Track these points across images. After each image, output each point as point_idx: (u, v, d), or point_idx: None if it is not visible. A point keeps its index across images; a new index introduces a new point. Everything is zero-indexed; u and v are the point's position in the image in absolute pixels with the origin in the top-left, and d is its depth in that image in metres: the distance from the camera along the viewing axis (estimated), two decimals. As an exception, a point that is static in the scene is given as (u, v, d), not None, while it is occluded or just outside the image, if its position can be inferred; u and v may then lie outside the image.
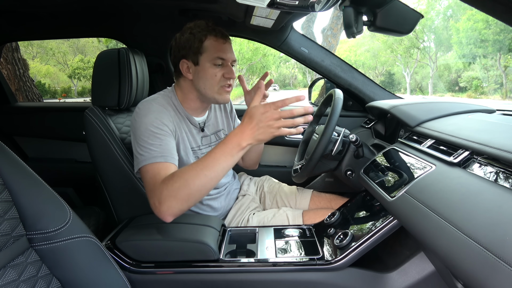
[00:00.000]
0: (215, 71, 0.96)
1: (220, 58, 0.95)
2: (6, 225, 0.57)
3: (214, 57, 0.95)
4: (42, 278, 0.61)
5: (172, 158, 0.87)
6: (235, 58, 1.00)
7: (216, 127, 1.14)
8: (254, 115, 0.74)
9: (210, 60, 0.95)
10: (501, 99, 17.42)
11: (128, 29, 1.53)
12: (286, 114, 0.73)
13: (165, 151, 0.86)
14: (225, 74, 0.96)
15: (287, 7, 0.68)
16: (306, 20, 6.67)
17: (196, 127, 1.06)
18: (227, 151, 0.75)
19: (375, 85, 1.55)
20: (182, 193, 0.74)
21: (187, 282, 0.77)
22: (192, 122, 1.04)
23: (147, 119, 0.90)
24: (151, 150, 0.86)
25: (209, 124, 1.11)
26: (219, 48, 0.95)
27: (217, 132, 1.14)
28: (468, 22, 18.69)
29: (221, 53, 0.95)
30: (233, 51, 0.99)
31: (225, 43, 0.96)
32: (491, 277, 0.44)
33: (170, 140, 0.90)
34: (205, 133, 1.09)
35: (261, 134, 0.73)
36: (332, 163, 1.11)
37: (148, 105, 0.94)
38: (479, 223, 0.50)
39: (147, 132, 0.88)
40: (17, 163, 0.63)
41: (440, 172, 0.68)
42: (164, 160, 0.85)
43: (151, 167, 0.84)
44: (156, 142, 0.87)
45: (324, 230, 0.89)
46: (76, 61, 21.74)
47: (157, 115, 0.91)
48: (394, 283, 0.74)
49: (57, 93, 20.47)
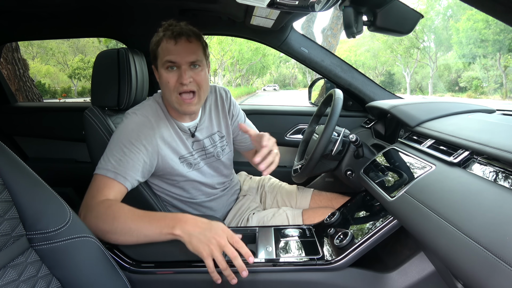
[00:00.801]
0: (168, 76, 0.88)
1: (169, 61, 0.87)
2: (6, 225, 0.57)
3: (164, 61, 0.87)
4: (42, 278, 0.61)
5: (124, 178, 0.83)
6: (194, 59, 0.88)
7: (211, 130, 1.08)
8: (214, 225, 0.69)
9: (162, 65, 0.89)
10: (501, 99, 17.43)
11: (128, 29, 1.53)
12: (229, 251, 0.67)
13: (120, 168, 0.83)
14: (178, 78, 0.88)
15: (287, 7, 0.68)
16: (306, 20, 6.67)
17: (185, 132, 1.01)
18: (160, 223, 0.71)
19: (375, 85, 1.55)
20: (104, 225, 0.73)
21: (187, 282, 0.77)
22: (181, 128, 0.99)
23: (123, 130, 0.89)
24: (108, 162, 0.84)
25: (202, 128, 1.05)
26: (169, 50, 0.86)
27: (211, 135, 1.08)
28: (468, 22, 18.70)
29: (170, 55, 0.86)
30: (194, 50, 0.88)
31: (177, 43, 0.86)
32: (491, 277, 0.44)
33: (136, 158, 0.86)
34: (197, 137, 1.03)
35: (197, 240, 0.67)
36: (332, 163, 1.11)
37: (132, 116, 0.92)
38: (479, 223, 0.50)
39: (117, 142, 0.87)
40: (17, 163, 0.62)
41: (440, 172, 0.68)
42: (113, 176, 0.82)
43: (99, 178, 0.83)
44: (118, 155, 0.84)
45: (324, 230, 0.89)
46: (76, 61, 21.75)
47: (136, 128, 0.89)
48: (394, 283, 0.74)
49: (57, 93, 20.48)
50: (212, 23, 1.50)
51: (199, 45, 0.90)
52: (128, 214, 0.74)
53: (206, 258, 0.67)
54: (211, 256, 0.67)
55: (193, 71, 0.89)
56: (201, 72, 0.91)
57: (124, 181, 0.83)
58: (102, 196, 0.80)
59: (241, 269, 0.67)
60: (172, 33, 0.86)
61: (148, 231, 0.72)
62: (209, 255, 0.66)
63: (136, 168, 0.86)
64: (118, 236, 0.74)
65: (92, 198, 0.80)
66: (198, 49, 0.89)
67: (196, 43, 0.89)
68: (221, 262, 0.67)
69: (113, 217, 0.74)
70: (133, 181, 0.86)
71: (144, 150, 0.88)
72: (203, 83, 0.91)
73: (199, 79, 0.90)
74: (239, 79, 28.52)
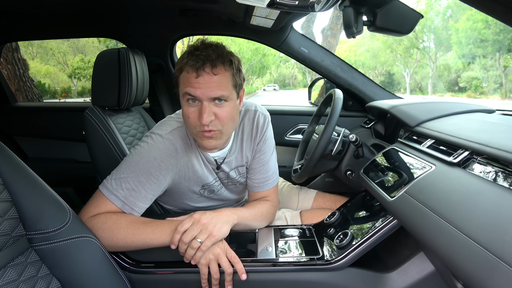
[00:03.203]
0: (189, 111, 0.77)
1: (188, 94, 0.75)
2: (6, 225, 0.57)
3: (183, 92, 0.76)
4: (42, 278, 0.61)
5: (131, 208, 0.78)
6: (218, 95, 0.74)
7: (240, 161, 0.95)
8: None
9: (182, 97, 0.78)
10: (501, 99, 17.42)
11: (128, 29, 1.53)
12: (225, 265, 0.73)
13: (130, 199, 0.78)
14: (199, 115, 0.75)
15: (287, 7, 0.68)
16: (306, 20, 6.66)
17: (211, 163, 0.91)
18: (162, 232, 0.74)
19: (375, 85, 1.55)
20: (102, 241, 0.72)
21: (187, 282, 0.77)
22: (208, 159, 0.89)
23: (145, 156, 0.80)
24: (119, 188, 0.77)
25: (230, 160, 0.93)
26: (190, 81, 0.74)
27: (238, 167, 0.97)
28: (467, 22, 18.70)
29: (190, 88, 0.74)
30: (219, 84, 0.74)
31: (198, 77, 0.73)
32: (491, 277, 0.44)
33: (151, 189, 0.80)
34: (223, 169, 0.93)
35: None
36: (332, 163, 1.11)
37: (157, 141, 0.82)
38: (479, 223, 0.50)
39: (134, 168, 0.79)
40: (17, 163, 0.62)
41: (440, 172, 0.68)
42: (120, 206, 0.77)
43: (104, 200, 0.77)
44: (132, 183, 0.78)
45: (324, 230, 0.89)
46: (76, 61, 21.73)
47: (159, 157, 0.81)
48: (394, 283, 0.74)
49: (57, 93, 20.46)
50: (212, 23, 1.50)
51: (226, 76, 0.76)
52: (127, 229, 0.74)
53: (201, 268, 0.72)
54: (206, 266, 0.73)
55: (217, 107, 0.76)
56: (226, 108, 0.77)
57: (130, 211, 0.79)
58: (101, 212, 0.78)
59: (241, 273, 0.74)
60: (195, 63, 0.73)
61: (151, 240, 0.74)
62: (204, 266, 0.72)
63: (148, 198, 0.81)
64: (118, 249, 0.76)
65: (89, 213, 0.77)
66: (224, 81, 0.75)
67: (223, 75, 0.75)
68: (216, 273, 0.73)
69: (111, 232, 0.74)
70: (141, 210, 0.81)
71: (162, 180, 0.82)
72: (227, 120, 0.78)
73: (223, 116, 0.77)
74: (239, 79, 28.38)
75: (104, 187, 0.79)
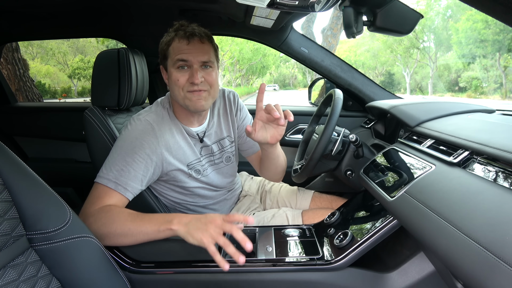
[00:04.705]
0: (178, 75, 0.87)
1: (181, 60, 0.86)
2: (6, 225, 0.57)
3: (175, 60, 0.87)
4: (42, 278, 0.61)
5: (124, 188, 0.84)
6: (206, 59, 0.88)
7: (220, 135, 1.06)
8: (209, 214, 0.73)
9: (173, 65, 0.88)
10: (501, 99, 17.43)
11: (128, 29, 1.53)
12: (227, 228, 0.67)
13: (121, 179, 0.83)
14: (189, 78, 0.87)
15: (287, 7, 0.68)
16: (306, 20, 6.67)
17: (194, 137, 0.99)
18: (158, 220, 0.74)
19: (375, 85, 1.55)
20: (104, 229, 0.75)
21: (187, 282, 0.77)
22: (189, 133, 0.98)
23: (127, 138, 0.88)
24: (110, 171, 0.84)
25: (210, 133, 1.03)
26: (181, 49, 0.86)
27: (220, 140, 1.07)
28: (467, 22, 18.71)
29: (182, 55, 0.86)
30: (207, 51, 0.88)
31: (189, 43, 0.86)
32: (491, 277, 0.44)
33: (139, 168, 0.86)
34: (205, 143, 1.02)
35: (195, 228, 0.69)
36: (332, 163, 1.11)
37: (136, 123, 0.91)
38: (479, 223, 0.50)
39: (120, 151, 0.86)
40: (17, 163, 0.62)
41: (440, 172, 0.68)
42: (113, 187, 0.83)
43: (100, 187, 0.84)
44: (120, 165, 0.84)
45: (324, 230, 0.89)
46: (76, 61, 21.75)
47: (140, 136, 0.88)
48: (394, 283, 0.74)
49: (57, 93, 20.49)
50: (212, 23, 1.50)
51: (210, 46, 0.90)
52: (127, 216, 0.76)
53: (208, 245, 0.65)
54: (213, 242, 0.66)
55: (205, 71, 0.89)
56: (212, 72, 0.90)
57: (124, 192, 0.84)
58: (101, 204, 0.81)
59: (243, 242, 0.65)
60: (185, 33, 0.86)
61: (147, 229, 0.74)
62: (210, 242, 0.65)
63: (138, 178, 0.86)
64: (117, 237, 0.75)
65: (91, 205, 0.81)
66: (210, 50, 0.90)
67: (208, 44, 0.89)
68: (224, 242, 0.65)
69: (112, 220, 0.75)
70: (135, 190, 0.86)
71: (148, 160, 0.87)
72: (214, 83, 0.91)
73: (211, 79, 0.90)
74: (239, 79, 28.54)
75: (97, 177, 0.86)
